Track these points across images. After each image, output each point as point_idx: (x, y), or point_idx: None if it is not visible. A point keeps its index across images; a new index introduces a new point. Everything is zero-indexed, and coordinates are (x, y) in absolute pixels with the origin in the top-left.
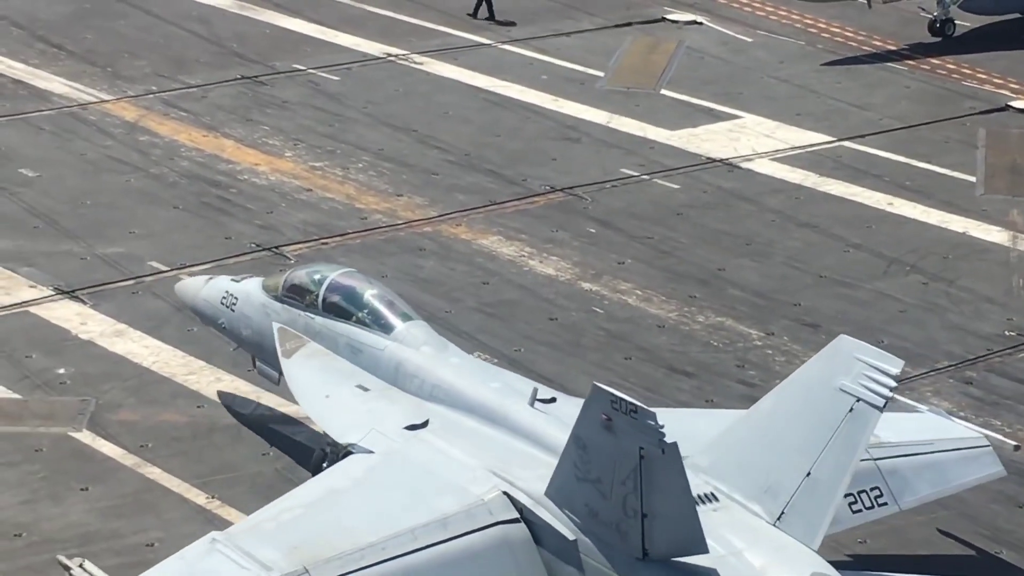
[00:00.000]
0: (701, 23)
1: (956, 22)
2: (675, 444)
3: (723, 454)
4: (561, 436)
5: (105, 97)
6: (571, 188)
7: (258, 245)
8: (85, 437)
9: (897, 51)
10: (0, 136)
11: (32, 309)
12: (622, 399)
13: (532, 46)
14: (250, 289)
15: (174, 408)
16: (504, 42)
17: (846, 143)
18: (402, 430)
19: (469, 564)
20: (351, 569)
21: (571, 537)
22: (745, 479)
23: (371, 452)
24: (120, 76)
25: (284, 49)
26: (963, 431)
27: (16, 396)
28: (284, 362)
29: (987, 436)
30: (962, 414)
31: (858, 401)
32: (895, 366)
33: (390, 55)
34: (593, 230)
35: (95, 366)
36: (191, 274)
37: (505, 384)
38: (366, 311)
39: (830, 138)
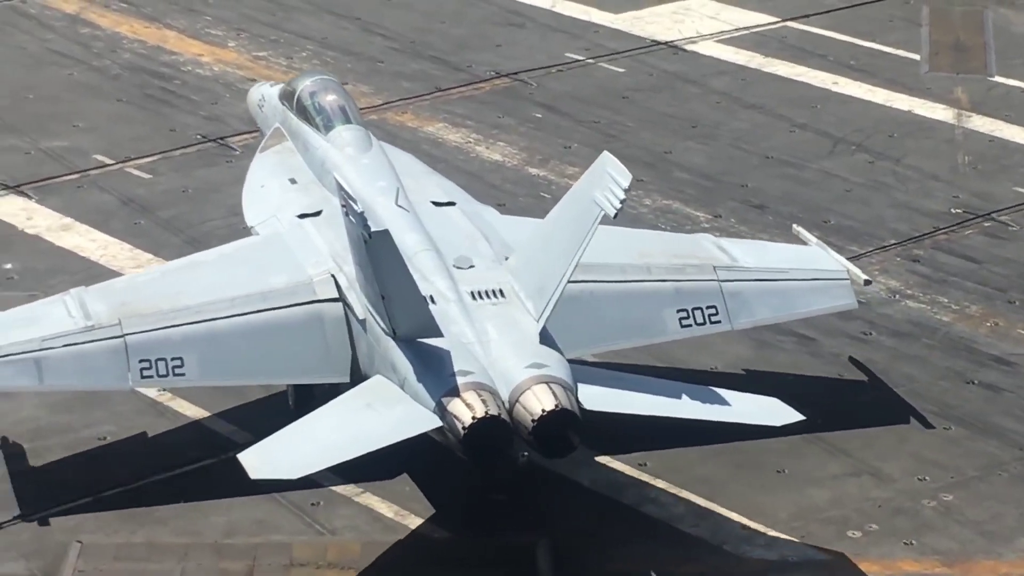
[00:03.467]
0: None
1: None
2: (384, 232)
3: (523, 257)
4: (406, 233)
5: None
6: (516, 73)
7: (204, 136)
8: None
9: None
10: None
11: None
12: (344, 189)
13: None
14: (273, 92)
15: None
16: None
17: (790, 23)
18: (294, 217)
19: (279, 333)
20: (161, 325)
21: (361, 316)
22: (530, 280)
23: (258, 234)
24: None
25: None
26: (832, 264)
27: None
28: (256, 156)
29: (850, 271)
30: (910, 292)
31: (601, 211)
32: (626, 179)
33: None
34: (539, 115)
35: (42, 261)
36: (139, 167)
37: (392, 185)
38: (320, 115)
39: (774, 19)
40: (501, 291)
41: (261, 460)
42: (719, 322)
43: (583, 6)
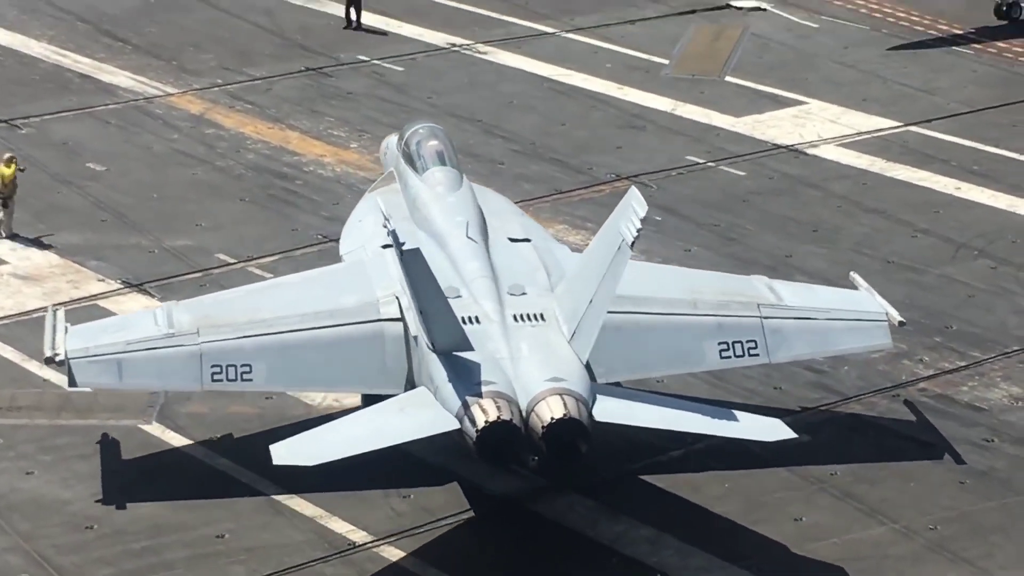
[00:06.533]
0: (765, 9)
1: (1022, 5)
2: (416, 250)
3: (566, 285)
4: (469, 261)
5: (171, 91)
6: (637, 176)
7: (325, 236)
8: (155, 429)
9: (963, 35)
10: (68, 130)
11: (101, 303)
12: (383, 211)
13: (596, 34)
14: (394, 140)
15: (243, 400)
16: (568, 31)
17: (913, 128)
18: (378, 248)
19: (342, 346)
20: (236, 336)
21: (414, 333)
22: (567, 304)
23: (343, 262)
24: (185, 69)
25: (348, 40)
26: (873, 306)
27: (85, 389)
28: (364, 196)
29: (888, 313)
30: None
31: (623, 240)
32: (643, 209)
33: (454, 45)
34: (659, 218)
35: None
36: (260, 266)
37: (468, 220)
38: (420, 158)
39: (896, 123)
40: (542, 315)
41: (288, 450)
42: (757, 355)
43: (704, 109)
